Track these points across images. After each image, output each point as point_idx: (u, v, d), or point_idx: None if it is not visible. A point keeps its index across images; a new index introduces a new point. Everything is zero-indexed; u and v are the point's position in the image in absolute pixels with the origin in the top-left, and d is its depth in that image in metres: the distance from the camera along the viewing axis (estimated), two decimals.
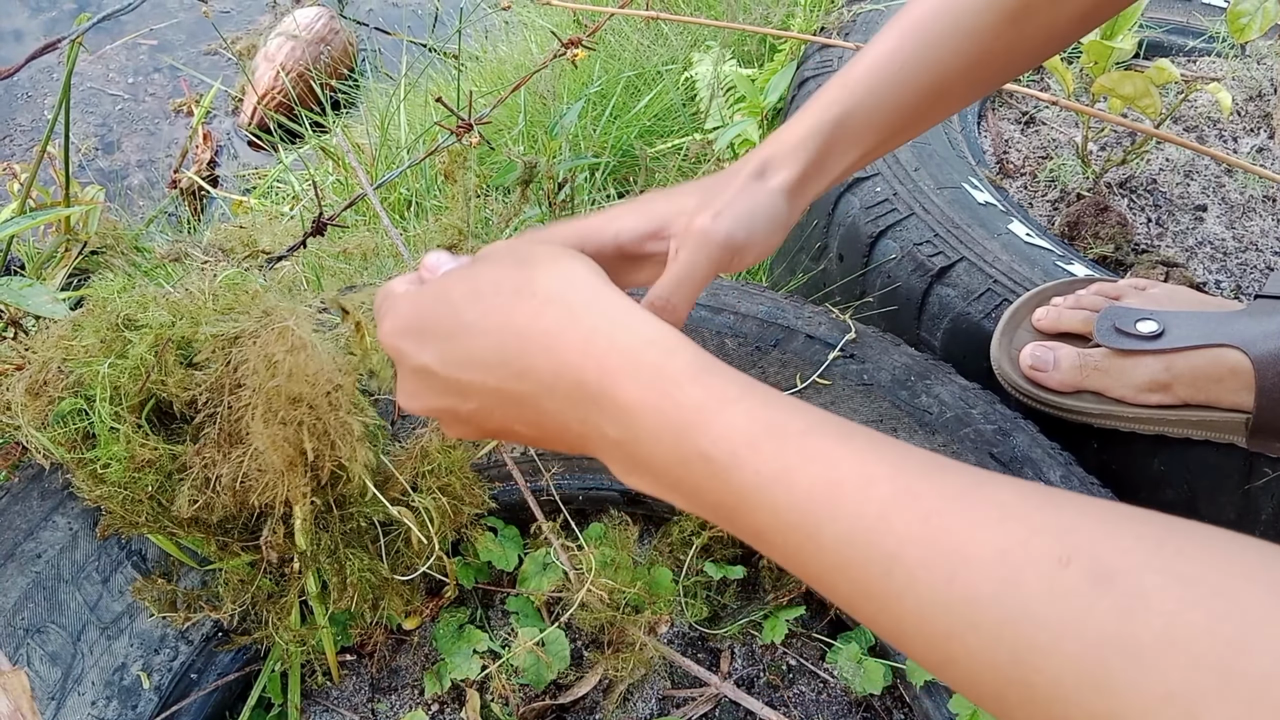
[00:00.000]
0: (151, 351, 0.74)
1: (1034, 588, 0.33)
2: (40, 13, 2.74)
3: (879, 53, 0.67)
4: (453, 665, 0.86)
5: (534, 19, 2.21)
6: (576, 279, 0.49)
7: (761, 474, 0.41)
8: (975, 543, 0.35)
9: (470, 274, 0.52)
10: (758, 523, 0.41)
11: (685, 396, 0.43)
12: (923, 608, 0.36)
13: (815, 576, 0.40)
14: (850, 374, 0.92)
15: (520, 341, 0.48)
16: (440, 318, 0.52)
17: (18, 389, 0.77)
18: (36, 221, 0.97)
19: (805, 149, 0.66)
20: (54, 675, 0.77)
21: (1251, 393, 0.83)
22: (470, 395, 0.51)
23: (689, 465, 0.43)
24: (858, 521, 0.38)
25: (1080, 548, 0.33)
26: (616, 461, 0.47)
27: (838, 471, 0.39)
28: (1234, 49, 1.41)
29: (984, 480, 0.38)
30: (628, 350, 0.45)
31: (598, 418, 0.46)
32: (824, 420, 0.42)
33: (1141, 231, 1.22)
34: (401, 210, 1.69)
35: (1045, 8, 0.67)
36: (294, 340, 0.71)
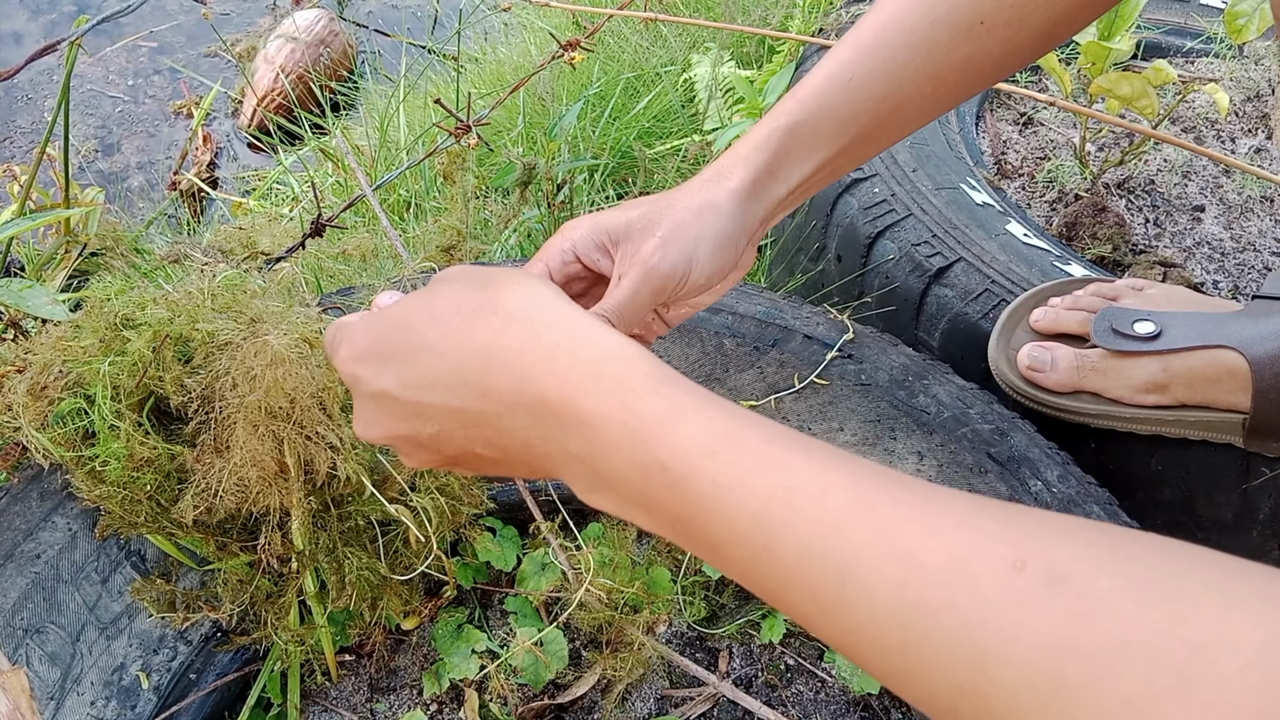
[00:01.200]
0: (150, 347, 0.75)
1: (987, 593, 0.33)
2: (40, 15, 2.74)
3: (831, 65, 0.68)
4: (451, 665, 0.86)
5: (533, 21, 2.22)
6: (538, 297, 0.49)
7: (719, 483, 0.40)
8: (929, 550, 0.35)
9: (428, 296, 0.52)
10: (714, 535, 0.41)
11: (645, 407, 0.43)
12: (877, 618, 0.35)
13: (771, 591, 0.40)
14: (848, 374, 0.92)
15: (482, 360, 0.48)
16: (398, 341, 0.51)
17: (19, 390, 0.77)
18: (36, 223, 0.97)
19: (756, 154, 0.66)
20: (53, 675, 0.77)
21: (1248, 394, 0.84)
22: (430, 418, 0.50)
23: (648, 476, 0.43)
24: (813, 529, 0.37)
25: (1034, 553, 0.33)
26: (579, 479, 0.47)
27: (794, 479, 0.39)
28: (1231, 50, 1.41)
29: (940, 493, 0.37)
30: (589, 364, 0.45)
31: (560, 434, 0.46)
32: (784, 433, 0.42)
33: (1139, 232, 1.23)
34: (401, 212, 1.69)
35: (1003, 26, 0.67)
36: (273, 355, 0.71)
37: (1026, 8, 0.66)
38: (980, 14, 0.66)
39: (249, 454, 0.73)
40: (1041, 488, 0.83)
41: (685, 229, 0.63)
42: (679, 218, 0.64)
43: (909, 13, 0.67)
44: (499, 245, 1.46)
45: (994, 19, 0.66)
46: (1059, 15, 0.68)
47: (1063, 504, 0.82)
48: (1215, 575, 0.30)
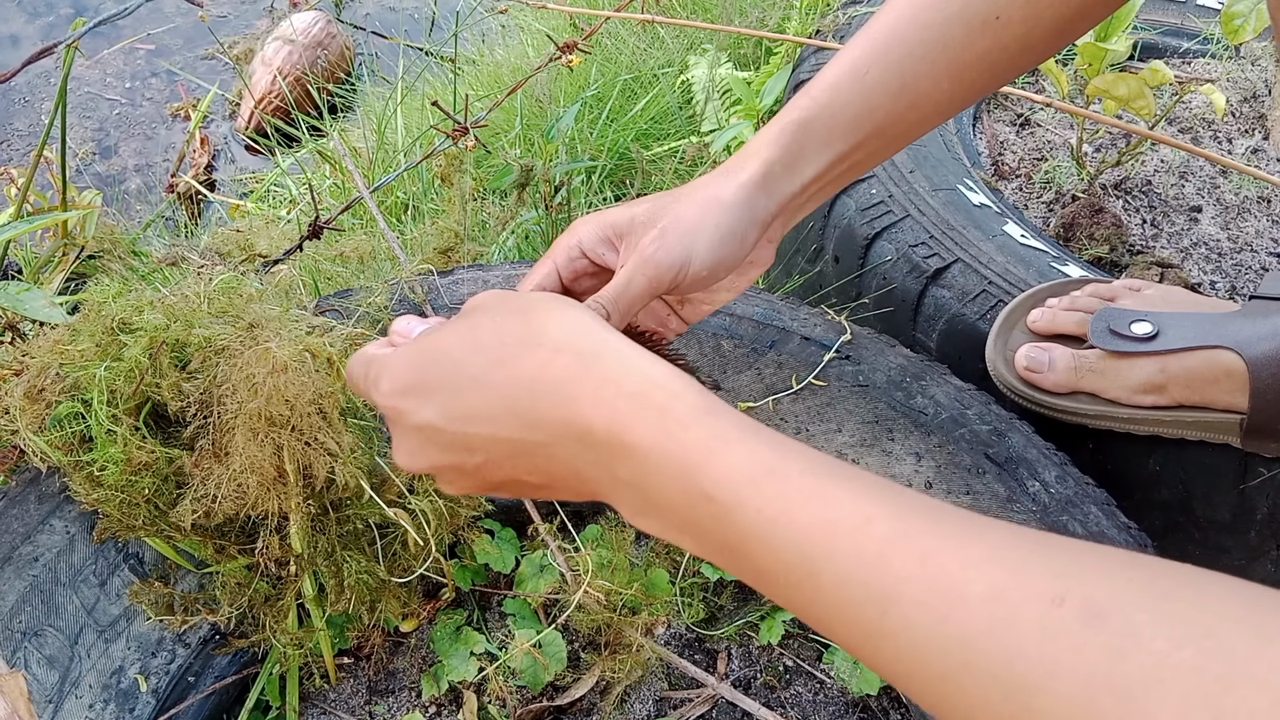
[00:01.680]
0: (146, 354, 0.75)
1: (1027, 627, 0.34)
2: (37, 18, 2.74)
3: (845, 61, 0.68)
4: (450, 667, 0.86)
5: (530, 23, 2.22)
6: (581, 327, 0.50)
7: (763, 514, 0.41)
8: (970, 582, 0.36)
9: (468, 326, 0.53)
10: (760, 563, 0.42)
11: (689, 437, 0.44)
12: (918, 647, 0.36)
13: (816, 618, 0.41)
14: (846, 375, 0.92)
15: (529, 392, 0.49)
16: (442, 373, 0.52)
17: (15, 393, 0.77)
18: (34, 226, 0.97)
19: (768, 149, 0.66)
20: (51, 678, 0.77)
21: (1246, 394, 0.84)
22: (478, 449, 0.51)
23: (695, 506, 0.44)
24: (856, 560, 0.39)
25: (1073, 589, 0.34)
26: (627, 503, 0.48)
27: (836, 511, 0.40)
28: (1228, 50, 1.41)
29: (980, 523, 0.38)
30: (635, 395, 0.46)
31: (608, 461, 0.47)
32: (824, 461, 0.43)
33: (1136, 233, 1.23)
34: (398, 214, 1.69)
35: (1018, 21, 0.67)
36: (275, 363, 0.71)
37: (1041, 3, 0.66)
38: (995, 9, 0.66)
39: (248, 460, 0.73)
40: (1039, 488, 0.83)
41: (685, 220, 0.63)
42: (681, 210, 0.64)
43: (923, 8, 0.67)
44: (496, 247, 1.46)
45: (1009, 14, 0.66)
46: (1072, 11, 0.68)
47: (1060, 504, 0.82)
48: (1249, 611, 0.31)
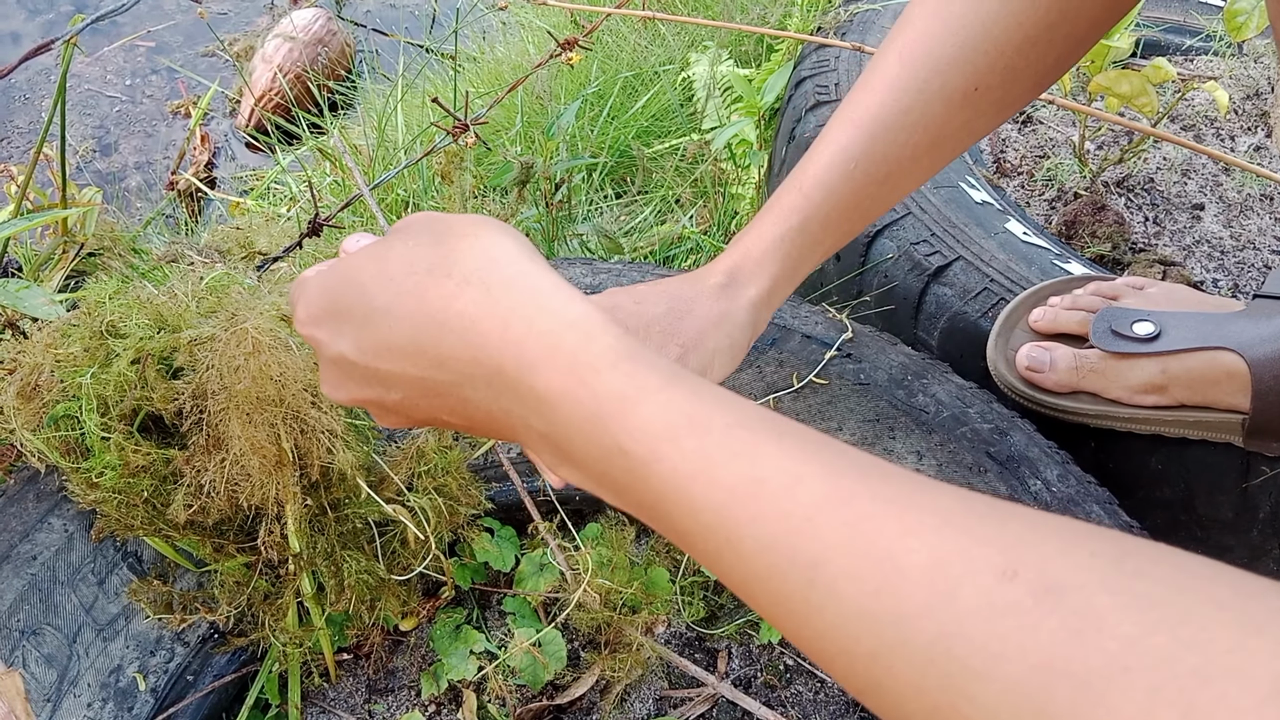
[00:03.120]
0: (132, 368, 0.74)
1: (971, 602, 0.30)
2: (38, 15, 2.74)
3: (831, 152, 0.67)
4: (449, 666, 0.86)
5: (531, 20, 2.21)
6: (498, 255, 0.45)
7: (680, 471, 0.37)
8: (908, 551, 0.32)
9: (381, 252, 0.48)
10: (678, 525, 0.38)
11: (603, 385, 0.40)
12: (846, 622, 0.32)
13: (739, 587, 0.37)
14: (847, 373, 0.92)
15: (436, 328, 0.44)
16: (352, 302, 0.48)
17: (9, 392, 0.77)
18: (33, 223, 0.97)
19: (773, 261, 0.66)
20: (50, 677, 0.76)
21: (1248, 395, 0.83)
22: (392, 385, 0.48)
23: (609, 459, 0.40)
24: (781, 524, 0.35)
25: (1027, 561, 0.30)
26: (544, 453, 0.44)
27: (763, 469, 0.36)
28: (1231, 48, 1.41)
29: (926, 486, 0.34)
30: (546, 333, 0.42)
31: (520, 408, 0.43)
32: (757, 415, 0.38)
33: (1139, 230, 1.22)
34: (399, 211, 1.69)
35: (996, 87, 0.66)
36: (253, 343, 0.71)
37: (1018, 66, 0.66)
38: (974, 81, 0.66)
39: (246, 443, 0.73)
40: (1041, 487, 0.83)
41: (705, 342, 0.63)
42: (699, 327, 0.63)
43: (903, 92, 0.66)
44: None
45: (987, 82, 0.66)
46: (1048, 67, 0.68)
47: (1062, 503, 0.82)
48: (1232, 597, 0.27)
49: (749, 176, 1.63)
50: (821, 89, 1.24)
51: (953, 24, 0.66)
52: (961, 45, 0.65)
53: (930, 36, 0.66)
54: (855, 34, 1.32)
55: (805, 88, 1.27)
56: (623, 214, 1.71)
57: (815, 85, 1.25)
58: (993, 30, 0.65)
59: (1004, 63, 0.66)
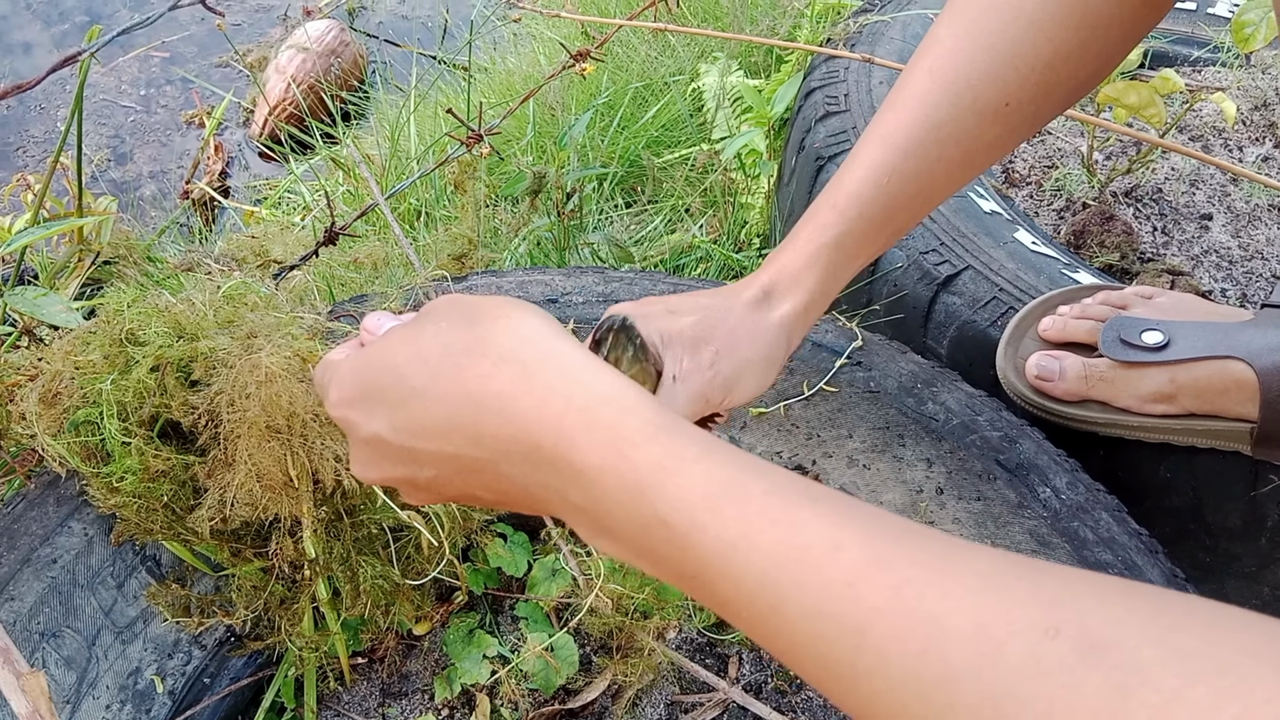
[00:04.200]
0: (151, 375, 0.75)
1: (1017, 661, 0.30)
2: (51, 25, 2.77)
3: (864, 167, 0.67)
4: (463, 670, 0.87)
5: (543, 31, 2.23)
6: (530, 335, 0.46)
7: (722, 539, 0.38)
8: (951, 613, 0.32)
9: (414, 335, 0.49)
10: (720, 593, 0.38)
11: (641, 456, 0.41)
12: (894, 686, 0.33)
13: (783, 651, 0.37)
14: (857, 381, 0.92)
15: (473, 407, 0.45)
16: (386, 384, 0.49)
17: (31, 399, 0.78)
18: (50, 232, 0.98)
19: (809, 276, 0.66)
20: (69, 679, 0.77)
21: (1256, 404, 0.84)
22: (426, 463, 0.49)
23: (648, 531, 0.40)
24: (824, 591, 0.35)
25: (1068, 619, 0.30)
26: (582, 526, 0.45)
27: (803, 536, 0.36)
28: (1239, 59, 1.41)
29: (961, 548, 0.35)
30: (584, 409, 0.43)
31: (558, 482, 0.44)
32: (788, 480, 0.39)
33: (1147, 240, 1.23)
34: (412, 220, 1.70)
35: (1028, 102, 0.67)
36: (266, 373, 0.72)
37: (1049, 82, 0.66)
38: (1005, 96, 0.66)
39: (255, 467, 0.74)
40: (1050, 494, 0.84)
41: (739, 349, 0.63)
42: (733, 335, 0.63)
43: (936, 107, 0.66)
44: (509, 253, 1.46)
45: (1018, 98, 0.66)
46: (1080, 82, 0.68)
47: (1071, 510, 0.82)
48: (1264, 645, 0.28)
49: (759, 186, 1.64)
50: (831, 100, 1.25)
51: (983, 41, 0.66)
52: (992, 62, 0.66)
53: (960, 53, 0.67)
54: (865, 45, 1.33)
55: (815, 98, 1.28)
56: (633, 223, 1.72)
57: (825, 96, 1.26)
58: (1023, 47, 0.65)
59: (1035, 78, 0.66)
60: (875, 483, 0.86)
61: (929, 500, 0.84)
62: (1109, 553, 0.80)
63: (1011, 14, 0.66)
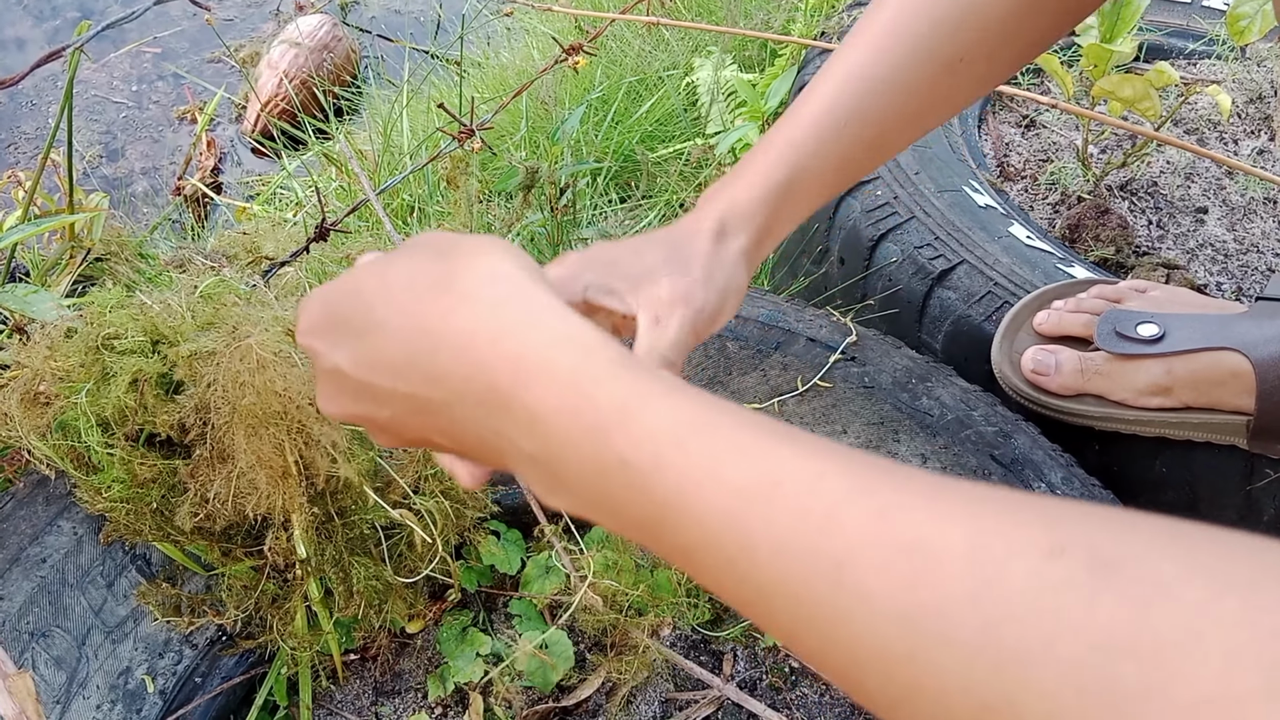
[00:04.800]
0: (130, 392, 0.74)
1: (1018, 584, 0.27)
2: (43, 21, 2.75)
3: (820, 106, 0.67)
4: (456, 668, 0.86)
5: (536, 25, 2.22)
6: (498, 274, 0.44)
7: (687, 476, 0.34)
8: (943, 537, 0.29)
9: (384, 266, 0.47)
10: (685, 539, 0.35)
11: (604, 395, 0.38)
12: (879, 624, 0.29)
13: (751, 602, 0.33)
14: (851, 377, 0.92)
15: (431, 342, 0.43)
16: (350, 314, 0.47)
17: (12, 399, 0.77)
18: (41, 228, 0.97)
19: (760, 214, 0.66)
20: (59, 679, 0.77)
21: (1253, 396, 0.84)
22: (383, 401, 0.47)
23: (607, 475, 0.37)
24: (799, 523, 0.31)
25: (1074, 538, 0.27)
26: (535, 480, 0.42)
27: (777, 468, 0.33)
28: (1234, 52, 1.41)
29: (951, 481, 0.32)
30: (541, 348, 0.40)
31: (511, 428, 0.41)
32: (764, 420, 0.36)
33: (1142, 234, 1.23)
34: (404, 216, 1.69)
35: (982, 59, 0.67)
36: (257, 359, 0.71)
37: (1002, 37, 0.67)
38: (960, 51, 0.66)
39: (252, 455, 0.73)
40: (1045, 490, 0.83)
41: (714, 279, 0.62)
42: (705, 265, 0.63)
43: (891, 53, 0.66)
44: None
45: (972, 54, 0.67)
46: (1030, 42, 0.69)
47: None
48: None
49: None
50: None
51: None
52: (947, 12, 0.66)
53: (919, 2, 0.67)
54: None
55: None
56: (627, 219, 1.72)
57: None
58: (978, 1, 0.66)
59: (990, 33, 0.67)
60: None
61: None
62: None
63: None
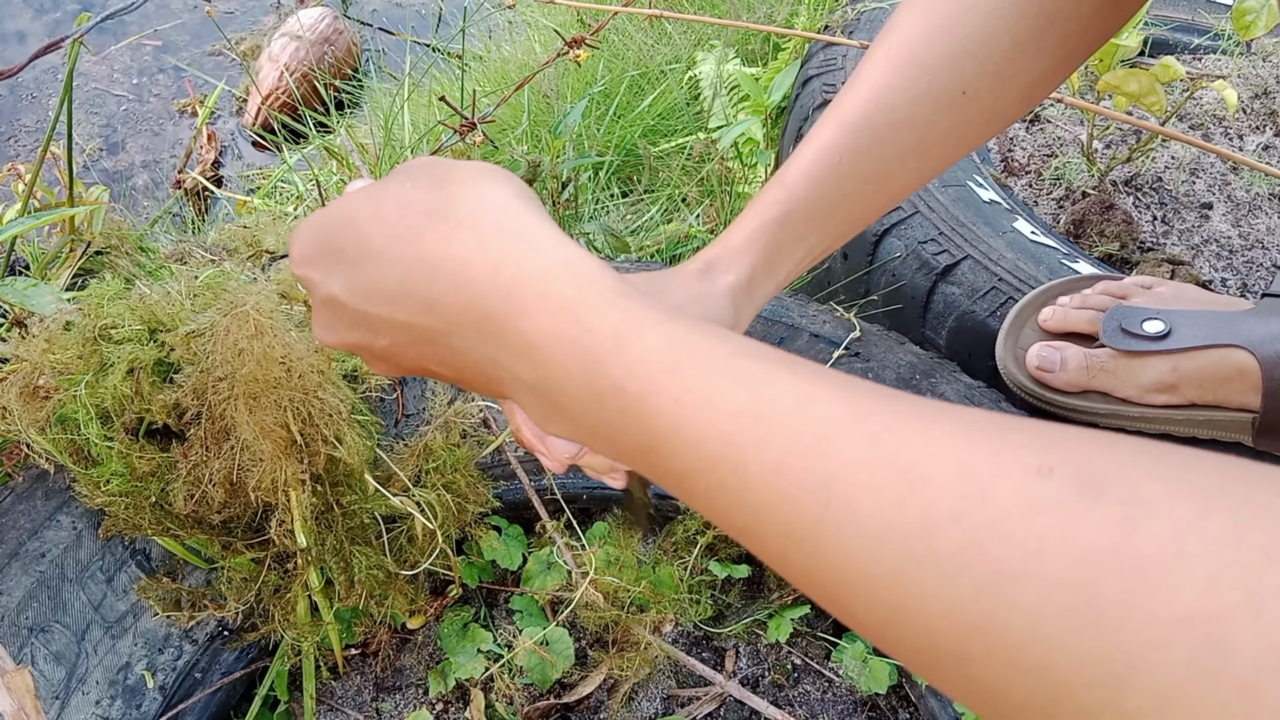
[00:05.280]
0: (126, 381, 0.74)
1: (1006, 502, 0.27)
2: (44, 14, 2.74)
3: (816, 148, 0.66)
4: (457, 664, 0.86)
5: (538, 18, 2.21)
6: (494, 201, 0.44)
7: (681, 401, 0.35)
8: (934, 459, 0.29)
9: (378, 192, 0.47)
10: (679, 463, 0.35)
11: (600, 322, 0.38)
12: (866, 543, 0.29)
13: (743, 525, 0.34)
14: (855, 372, 0.91)
15: (427, 270, 0.43)
16: (345, 243, 0.47)
17: (11, 392, 0.76)
18: (41, 222, 0.97)
19: (751, 250, 0.65)
20: (58, 674, 0.77)
21: (1259, 393, 0.83)
22: (380, 330, 0.46)
23: (603, 401, 0.38)
24: (791, 444, 0.32)
25: (1064, 459, 0.27)
26: (532, 406, 0.42)
27: (771, 392, 0.33)
28: (1239, 46, 1.40)
29: (945, 406, 0.32)
30: (537, 275, 0.40)
31: (508, 357, 0.41)
32: (763, 347, 0.36)
33: (1147, 229, 1.22)
34: None
35: (985, 93, 0.66)
36: (255, 325, 0.71)
37: (1006, 73, 0.66)
38: (962, 84, 0.65)
39: (254, 428, 0.73)
40: None
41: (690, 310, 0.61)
42: (678, 300, 0.61)
43: (889, 89, 0.66)
44: None
45: (975, 87, 0.66)
46: (1037, 77, 0.68)
47: None
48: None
49: (756, 175, 1.63)
50: (829, 87, 1.24)
51: (940, 25, 0.66)
52: (949, 46, 0.65)
53: (917, 38, 0.66)
54: (862, 32, 1.32)
55: (812, 86, 1.26)
56: (629, 213, 1.71)
57: (822, 84, 1.25)
58: (982, 33, 0.65)
59: (992, 67, 0.66)
60: None
61: None
62: None
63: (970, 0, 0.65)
